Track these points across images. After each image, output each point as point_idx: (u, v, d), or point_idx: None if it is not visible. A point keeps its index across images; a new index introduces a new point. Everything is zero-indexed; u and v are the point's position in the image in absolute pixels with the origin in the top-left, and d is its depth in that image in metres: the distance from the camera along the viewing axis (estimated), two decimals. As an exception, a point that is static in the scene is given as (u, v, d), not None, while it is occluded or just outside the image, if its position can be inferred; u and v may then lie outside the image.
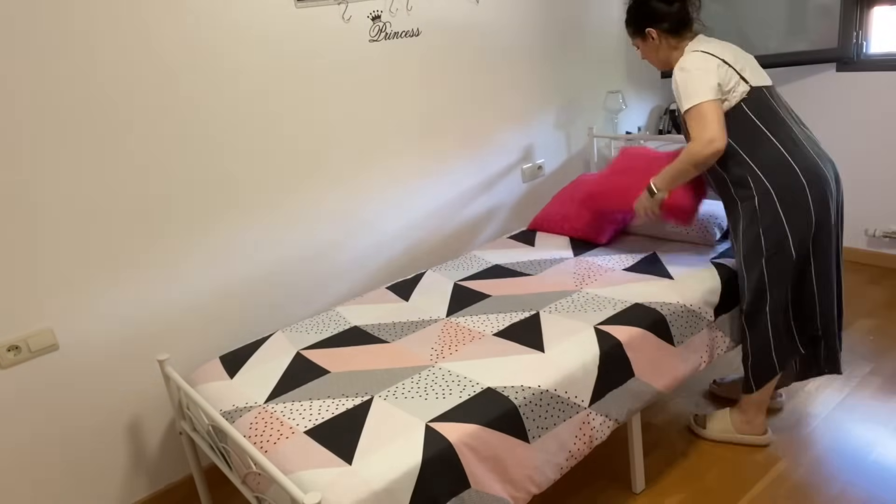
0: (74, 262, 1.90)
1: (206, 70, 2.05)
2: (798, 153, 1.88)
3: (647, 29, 2.01)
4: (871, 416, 2.22)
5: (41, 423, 1.92)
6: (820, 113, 3.23)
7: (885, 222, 3.18)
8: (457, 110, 2.77)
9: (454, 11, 2.67)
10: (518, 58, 2.95)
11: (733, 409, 2.18)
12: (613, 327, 1.87)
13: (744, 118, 1.89)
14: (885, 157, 3.09)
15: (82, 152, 1.87)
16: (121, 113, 1.91)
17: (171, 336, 2.12)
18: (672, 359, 1.94)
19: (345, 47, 2.37)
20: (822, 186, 1.87)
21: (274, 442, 1.56)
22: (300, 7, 2.22)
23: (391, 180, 2.60)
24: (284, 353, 1.98)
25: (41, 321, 1.87)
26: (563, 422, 1.68)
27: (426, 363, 1.81)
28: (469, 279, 2.33)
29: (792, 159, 1.87)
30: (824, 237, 1.92)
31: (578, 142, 3.32)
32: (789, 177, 1.86)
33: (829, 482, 1.97)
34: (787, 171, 1.86)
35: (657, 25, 1.99)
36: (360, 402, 1.66)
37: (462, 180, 2.86)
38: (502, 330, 1.93)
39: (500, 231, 3.06)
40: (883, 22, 2.97)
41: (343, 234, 2.49)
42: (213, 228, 2.15)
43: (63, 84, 1.80)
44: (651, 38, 2.01)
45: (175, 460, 2.21)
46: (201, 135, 2.08)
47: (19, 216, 1.79)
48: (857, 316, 2.84)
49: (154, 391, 2.12)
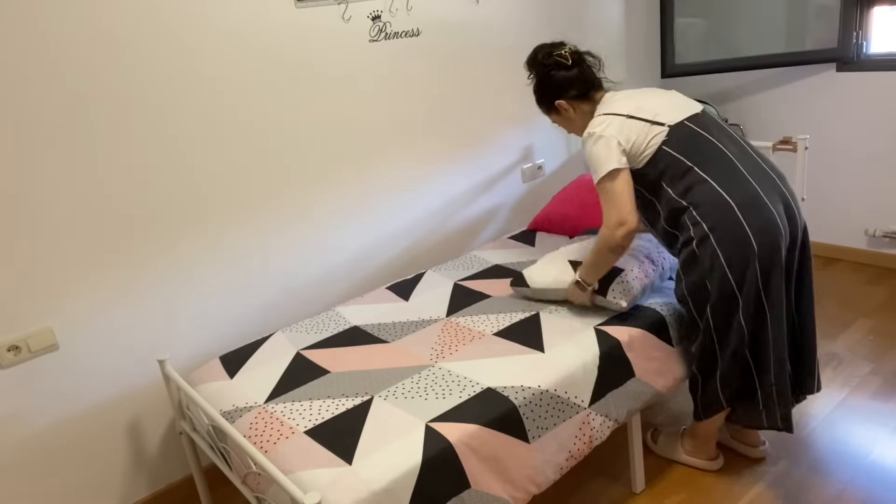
0: (74, 262, 1.90)
1: (206, 70, 2.05)
2: (734, 186, 1.74)
3: (555, 102, 1.92)
4: (871, 416, 2.22)
5: (41, 423, 1.92)
6: (820, 113, 3.23)
7: (885, 222, 3.18)
8: (457, 110, 2.77)
9: (454, 11, 2.67)
10: (518, 58, 2.93)
11: (685, 432, 2.12)
12: (613, 327, 1.87)
13: (668, 159, 1.78)
14: (885, 157, 3.09)
15: (83, 152, 1.86)
16: (122, 113, 1.91)
17: (171, 336, 2.12)
18: (672, 359, 1.94)
19: (345, 47, 2.37)
20: (765, 220, 1.72)
21: (274, 442, 1.56)
22: (300, 7, 2.22)
23: (391, 180, 2.60)
24: (284, 353, 1.98)
25: (41, 321, 1.87)
26: (563, 422, 1.68)
27: (426, 363, 1.81)
28: (469, 279, 2.33)
29: (727, 194, 1.73)
30: (775, 276, 1.75)
31: (578, 142, 3.32)
32: (725, 215, 1.72)
33: (829, 482, 1.97)
34: (722, 208, 1.72)
35: (565, 95, 1.90)
36: (360, 402, 1.66)
37: (462, 180, 2.86)
38: (502, 330, 1.93)
39: (500, 231, 3.06)
40: (883, 22, 2.97)
41: (343, 234, 2.49)
42: (213, 228, 2.15)
43: (63, 83, 1.80)
44: (564, 110, 1.93)
45: (175, 460, 2.21)
46: (201, 135, 2.08)
47: (19, 216, 1.79)
48: (857, 316, 2.83)
49: (154, 391, 2.12)
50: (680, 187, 1.78)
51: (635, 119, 1.80)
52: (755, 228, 1.72)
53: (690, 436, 2.10)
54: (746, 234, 1.72)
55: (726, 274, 1.74)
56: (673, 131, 1.79)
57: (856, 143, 3.16)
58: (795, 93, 3.28)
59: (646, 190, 1.86)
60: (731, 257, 1.73)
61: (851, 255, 3.32)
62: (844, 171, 3.23)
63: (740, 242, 1.72)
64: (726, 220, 1.72)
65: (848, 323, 2.78)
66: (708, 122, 1.85)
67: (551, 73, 1.91)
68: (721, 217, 1.73)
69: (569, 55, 1.88)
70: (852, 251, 3.31)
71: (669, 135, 1.79)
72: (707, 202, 1.75)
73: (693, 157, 1.78)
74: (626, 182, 1.77)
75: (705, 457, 2.08)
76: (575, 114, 1.93)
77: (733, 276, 1.74)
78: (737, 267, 1.73)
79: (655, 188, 1.83)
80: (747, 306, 1.77)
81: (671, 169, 1.78)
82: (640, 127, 1.79)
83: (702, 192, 1.75)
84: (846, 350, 2.59)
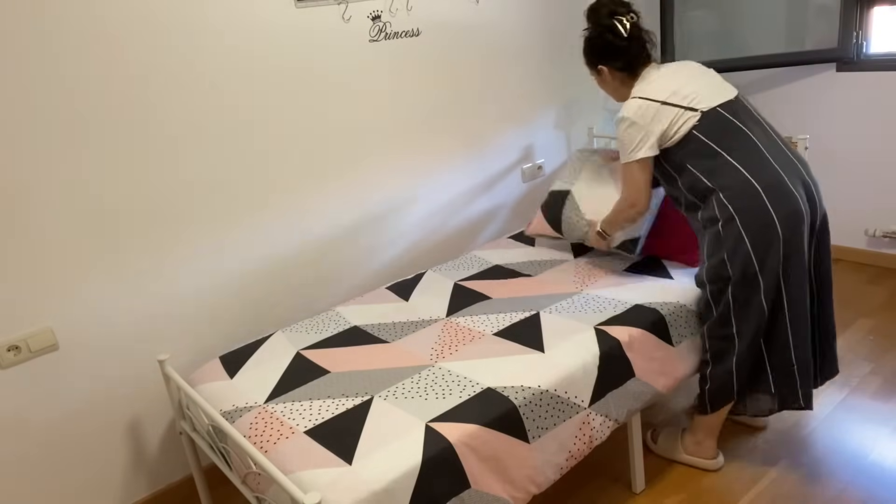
0: (74, 261, 1.90)
1: (206, 69, 2.05)
2: (760, 170, 1.79)
3: (598, 66, 1.98)
4: (871, 416, 2.22)
5: (41, 423, 1.92)
6: (820, 113, 3.22)
7: (885, 222, 3.18)
8: (457, 110, 2.77)
9: (454, 11, 2.67)
10: (518, 58, 2.95)
11: (685, 429, 2.13)
12: (613, 327, 1.87)
13: (697, 143, 1.83)
14: (885, 157, 3.09)
15: (83, 152, 1.86)
16: (122, 112, 1.91)
17: (171, 336, 2.12)
18: (672, 359, 1.94)
19: (345, 47, 2.37)
20: (789, 205, 1.78)
21: (274, 442, 1.56)
22: (300, 7, 2.22)
23: (391, 180, 2.60)
24: (284, 353, 1.98)
25: (41, 321, 1.87)
26: (562, 422, 1.68)
27: (426, 363, 1.81)
28: (469, 279, 2.33)
29: (754, 179, 1.78)
30: (796, 263, 1.81)
31: (578, 142, 3.32)
32: (751, 199, 1.78)
33: (829, 482, 1.97)
34: (749, 193, 1.78)
35: (609, 63, 1.96)
36: (360, 402, 1.66)
37: (462, 180, 2.86)
38: (502, 330, 1.93)
39: (500, 231, 3.06)
40: (883, 22, 2.96)
41: (343, 234, 2.49)
42: (213, 228, 2.15)
43: (63, 83, 1.80)
44: (604, 74, 1.99)
45: (175, 460, 2.21)
46: (200, 134, 2.08)
47: (19, 216, 1.79)
48: (857, 316, 2.83)
49: (154, 391, 2.12)
50: (706, 169, 1.84)
51: (669, 105, 1.85)
52: (780, 213, 1.77)
53: (692, 433, 2.09)
54: (772, 218, 1.77)
55: (749, 255, 1.79)
56: (704, 116, 1.84)
57: (856, 143, 3.16)
58: (795, 93, 3.28)
59: (671, 168, 1.92)
60: (756, 240, 1.78)
61: (851, 255, 3.32)
62: (844, 170, 3.23)
63: (765, 226, 1.78)
64: (753, 203, 1.78)
65: (848, 323, 2.78)
66: (739, 109, 1.89)
67: (604, 36, 1.94)
68: (747, 200, 1.79)
69: (628, 27, 1.91)
70: (852, 251, 3.31)
71: (701, 120, 1.84)
72: (733, 185, 1.80)
73: (721, 142, 1.83)
74: (648, 171, 1.91)
75: (706, 455, 2.08)
76: (613, 82, 1.99)
77: (756, 258, 1.79)
78: (760, 249, 1.79)
79: (681, 167, 1.89)
80: (768, 289, 1.82)
81: (699, 151, 1.85)
82: (673, 113, 1.85)
83: (728, 175, 1.81)
84: (846, 350, 2.59)
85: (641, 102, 1.87)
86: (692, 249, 2.21)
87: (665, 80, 1.90)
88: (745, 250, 1.80)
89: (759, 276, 1.81)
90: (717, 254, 1.85)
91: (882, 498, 1.89)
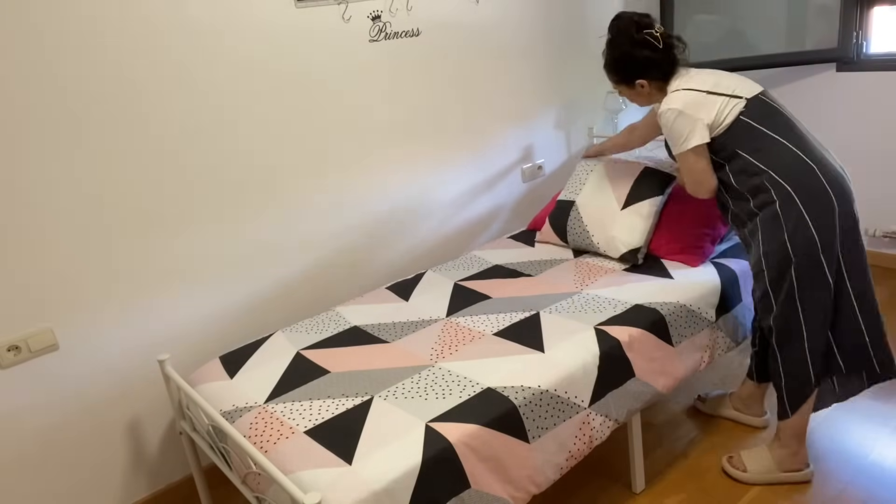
0: (74, 261, 1.90)
1: (206, 69, 2.05)
2: (811, 150, 1.82)
3: (636, 81, 1.97)
4: (871, 416, 2.22)
5: (41, 423, 1.92)
6: (820, 113, 3.22)
7: (885, 222, 3.18)
8: (457, 110, 2.77)
9: (454, 11, 2.67)
10: (518, 58, 2.95)
11: (772, 444, 1.99)
12: (613, 327, 1.87)
13: (746, 127, 1.84)
14: (885, 157, 3.09)
15: (83, 152, 1.87)
16: (122, 112, 1.91)
17: (171, 336, 2.12)
18: (672, 359, 1.94)
19: (345, 47, 2.37)
20: (841, 185, 1.79)
21: (274, 442, 1.56)
22: (300, 7, 2.22)
23: (391, 180, 2.60)
24: (284, 353, 1.98)
25: (41, 321, 1.87)
26: (562, 422, 1.68)
27: (426, 363, 1.81)
28: (469, 279, 2.33)
29: (808, 158, 1.80)
30: (855, 246, 1.81)
31: (578, 142, 3.32)
32: (808, 176, 1.78)
33: (829, 482, 1.97)
34: (805, 170, 1.78)
35: (647, 75, 1.95)
36: (360, 402, 1.66)
37: (462, 180, 2.86)
38: (502, 330, 1.93)
39: (500, 231, 3.06)
40: (883, 22, 2.97)
41: (342, 234, 2.49)
42: (212, 228, 2.15)
43: (63, 83, 1.80)
44: (641, 87, 1.97)
45: (175, 460, 2.21)
46: (199, 133, 2.08)
47: (19, 216, 1.79)
48: (857, 316, 2.83)
49: (154, 391, 2.12)
50: (757, 149, 1.84)
51: (715, 94, 1.87)
52: (835, 189, 1.78)
53: (780, 444, 1.96)
54: (830, 197, 1.77)
55: (813, 236, 1.77)
56: (750, 102, 1.86)
57: (856, 143, 3.16)
58: (795, 93, 3.28)
59: (720, 157, 1.91)
60: (818, 218, 1.77)
61: (851, 255, 3.31)
62: (844, 171, 3.23)
63: (824, 205, 1.77)
64: (810, 182, 1.78)
65: (848, 323, 2.77)
66: (776, 99, 1.93)
67: (641, 52, 1.93)
68: (805, 179, 1.78)
69: (661, 37, 1.92)
70: (852, 251, 3.31)
71: (747, 106, 1.86)
72: (787, 165, 1.80)
73: (770, 126, 1.84)
74: (705, 156, 1.89)
75: (802, 465, 1.96)
76: (651, 91, 1.98)
77: (820, 238, 1.77)
78: (823, 229, 1.77)
79: (731, 154, 1.88)
80: (831, 264, 1.79)
81: (748, 136, 1.85)
82: (719, 101, 1.86)
83: (780, 154, 1.81)
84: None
85: (687, 93, 1.88)
86: (692, 249, 2.21)
87: (703, 75, 1.92)
88: (808, 230, 1.77)
89: (820, 254, 1.78)
90: (774, 236, 1.81)
91: (882, 498, 1.89)
